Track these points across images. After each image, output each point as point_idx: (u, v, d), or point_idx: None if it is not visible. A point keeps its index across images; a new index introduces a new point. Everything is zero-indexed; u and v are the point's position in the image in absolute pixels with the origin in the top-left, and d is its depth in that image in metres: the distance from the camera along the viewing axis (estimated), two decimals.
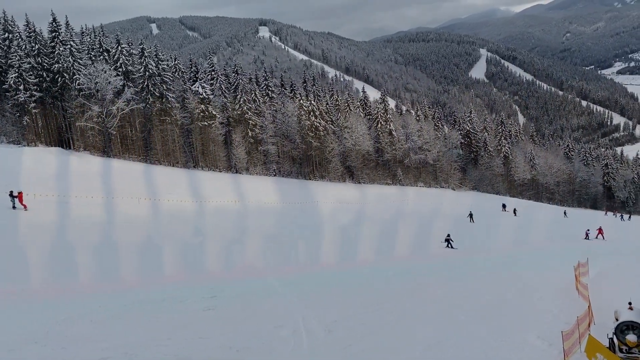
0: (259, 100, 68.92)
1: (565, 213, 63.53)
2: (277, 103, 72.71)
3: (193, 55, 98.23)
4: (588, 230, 37.87)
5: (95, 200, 31.43)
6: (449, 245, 28.91)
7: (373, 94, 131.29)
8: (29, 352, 8.42)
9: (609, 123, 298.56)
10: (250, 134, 67.54)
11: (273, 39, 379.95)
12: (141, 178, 46.06)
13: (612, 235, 37.73)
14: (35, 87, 53.52)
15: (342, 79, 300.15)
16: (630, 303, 9.16)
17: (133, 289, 13.99)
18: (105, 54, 59.78)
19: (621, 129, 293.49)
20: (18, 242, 19.58)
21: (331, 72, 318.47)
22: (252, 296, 13.13)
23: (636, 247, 31.55)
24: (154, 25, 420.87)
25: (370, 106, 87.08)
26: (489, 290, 15.10)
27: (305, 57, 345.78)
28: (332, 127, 74.85)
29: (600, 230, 37.51)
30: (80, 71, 54.68)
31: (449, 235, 29.32)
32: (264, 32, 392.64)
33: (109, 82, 55.26)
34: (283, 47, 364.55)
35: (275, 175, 68.84)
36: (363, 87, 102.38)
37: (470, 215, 46.65)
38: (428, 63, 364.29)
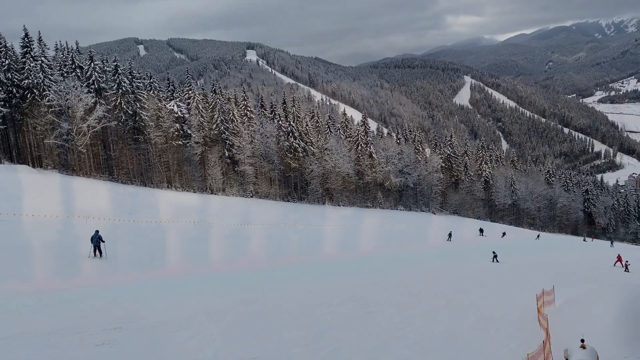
0: (236, 120, 67.78)
1: (538, 236, 63.96)
2: (255, 123, 71.67)
3: (180, 78, 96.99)
4: (627, 262, 36.89)
5: (49, 219, 29.66)
6: (495, 260, 33.74)
7: (359, 118, 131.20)
8: None
9: (590, 150, 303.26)
10: (227, 154, 66.25)
11: (260, 63, 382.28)
12: (106, 197, 44.22)
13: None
14: (2, 102, 51.77)
15: (328, 103, 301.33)
16: (582, 340, 7.89)
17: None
18: (78, 70, 58.42)
19: (602, 156, 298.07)
20: None
21: (317, 95, 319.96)
22: (167, 327, 11.49)
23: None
24: (141, 47, 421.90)
25: (351, 128, 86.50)
26: (442, 319, 13.71)
27: (292, 81, 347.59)
28: (312, 148, 73.85)
29: (619, 258, 37.97)
30: (50, 87, 53.14)
31: (494, 252, 34.18)
32: (252, 55, 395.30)
33: (80, 99, 53.74)
34: (270, 71, 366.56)
35: (252, 196, 67.30)
36: (344, 110, 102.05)
37: (450, 235, 49.30)
38: (413, 89, 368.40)
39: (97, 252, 21.04)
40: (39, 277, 16.33)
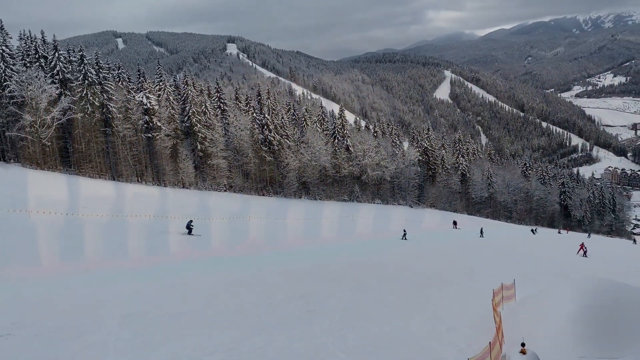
0: (209, 113, 66.18)
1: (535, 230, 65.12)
2: (229, 116, 70.16)
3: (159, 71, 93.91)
4: (585, 248, 38.80)
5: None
6: (404, 237, 37.52)
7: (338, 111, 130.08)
8: None
9: (567, 144, 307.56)
10: (199, 147, 64.66)
11: (241, 56, 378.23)
12: (65, 191, 42.46)
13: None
14: None
15: (309, 97, 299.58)
16: (523, 344, 7.01)
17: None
18: (42, 60, 56.23)
19: (579, 150, 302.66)
20: None
21: (299, 89, 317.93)
22: (69, 332, 10.31)
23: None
24: (119, 40, 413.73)
25: (328, 121, 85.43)
26: (390, 317, 12.76)
27: (273, 75, 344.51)
28: (288, 141, 72.64)
29: (581, 246, 39.40)
30: (11, 78, 50.96)
31: (404, 230, 38.06)
32: (232, 49, 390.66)
33: (44, 90, 51.67)
34: (251, 64, 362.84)
35: (225, 190, 65.91)
36: (321, 102, 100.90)
37: (481, 230, 49.79)
38: (394, 83, 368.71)
39: (190, 232, 29.80)
40: None
